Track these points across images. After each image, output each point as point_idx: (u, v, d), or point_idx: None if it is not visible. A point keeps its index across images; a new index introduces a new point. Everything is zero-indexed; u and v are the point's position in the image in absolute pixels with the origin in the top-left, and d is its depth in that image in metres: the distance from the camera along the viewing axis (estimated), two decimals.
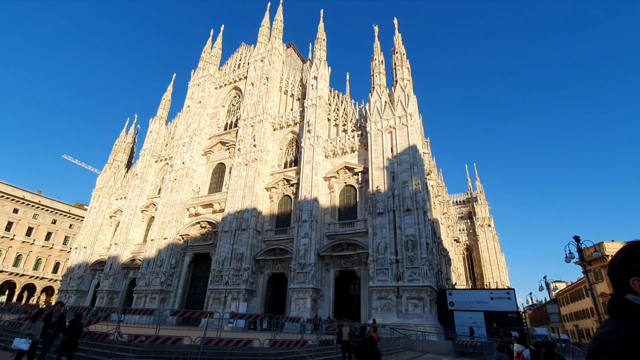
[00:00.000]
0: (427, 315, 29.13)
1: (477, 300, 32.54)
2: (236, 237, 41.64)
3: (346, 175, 40.55)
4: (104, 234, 60.23)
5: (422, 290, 29.84)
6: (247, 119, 49.63)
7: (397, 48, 42.56)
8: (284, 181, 44.30)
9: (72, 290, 55.51)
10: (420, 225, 32.18)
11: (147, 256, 48.27)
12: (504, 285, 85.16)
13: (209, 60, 62.58)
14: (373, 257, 32.82)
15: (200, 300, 43.55)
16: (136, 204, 56.10)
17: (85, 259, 57.58)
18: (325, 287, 36.14)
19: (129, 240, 53.73)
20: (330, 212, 39.82)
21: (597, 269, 59.30)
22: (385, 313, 30.42)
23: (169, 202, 50.76)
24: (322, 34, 50.72)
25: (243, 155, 46.82)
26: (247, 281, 38.83)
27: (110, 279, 51.03)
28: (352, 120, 43.56)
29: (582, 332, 74.52)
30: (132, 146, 70.95)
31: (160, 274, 45.48)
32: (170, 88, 67.92)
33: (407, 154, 35.81)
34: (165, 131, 63.70)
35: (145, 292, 45.36)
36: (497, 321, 29.76)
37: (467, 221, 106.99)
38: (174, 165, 53.85)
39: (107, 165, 67.01)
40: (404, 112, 37.95)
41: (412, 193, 33.59)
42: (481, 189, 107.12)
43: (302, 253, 36.57)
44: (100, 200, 62.69)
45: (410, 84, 40.68)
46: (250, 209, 42.48)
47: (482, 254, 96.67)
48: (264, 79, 52.03)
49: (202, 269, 46.24)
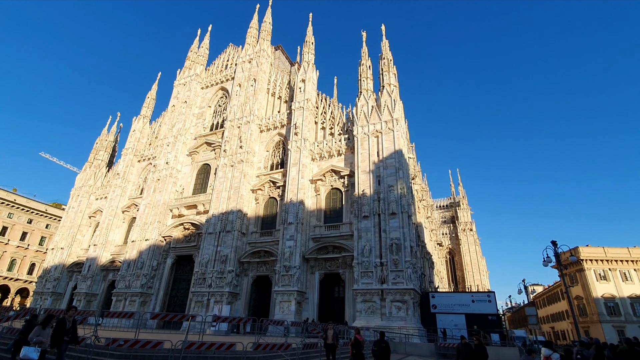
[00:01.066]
0: (410, 317, 29.45)
1: (459, 303, 33.12)
2: (220, 239, 41.12)
3: (332, 178, 40.71)
4: (83, 234, 58.42)
5: (406, 293, 30.17)
6: (234, 119, 49.23)
7: (384, 54, 43.16)
8: (270, 183, 44.10)
9: (47, 292, 53.51)
10: (404, 228, 32.58)
11: (127, 258, 47.05)
12: (484, 289, 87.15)
13: (195, 60, 61.86)
14: (358, 259, 33.00)
15: (182, 304, 42.73)
16: (117, 204, 54.71)
17: (62, 260, 55.66)
18: (310, 290, 36.08)
19: (109, 242, 52.30)
20: (316, 215, 39.86)
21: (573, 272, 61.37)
22: (369, 316, 30.59)
23: (152, 203, 49.70)
24: (310, 37, 50.93)
25: (229, 157, 46.37)
26: (231, 284, 38.36)
27: (89, 281, 49.48)
28: (339, 124, 43.82)
29: (557, 333, 76.83)
30: (114, 145, 69.19)
31: (141, 276, 44.40)
32: (155, 87, 66.75)
33: (392, 158, 36.27)
34: (149, 130, 62.46)
35: (125, 295, 44.18)
36: (478, 323, 30.34)
37: (450, 225, 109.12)
38: (158, 165, 52.82)
39: (88, 164, 65.14)
40: (390, 117, 38.45)
41: (398, 197, 34.00)
42: (463, 194, 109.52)
43: (287, 255, 36.43)
44: (80, 199, 60.82)
45: (396, 89, 41.28)
46: (235, 210, 42.05)
47: (464, 257, 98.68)
48: (251, 80, 51.79)
49: (185, 271, 45.41)
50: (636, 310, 55.87)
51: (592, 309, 57.65)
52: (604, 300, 57.21)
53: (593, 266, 59.53)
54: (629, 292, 56.93)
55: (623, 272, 58.68)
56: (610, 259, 59.26)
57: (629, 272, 58.59)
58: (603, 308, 56.77)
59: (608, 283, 58.26)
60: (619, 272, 58.76)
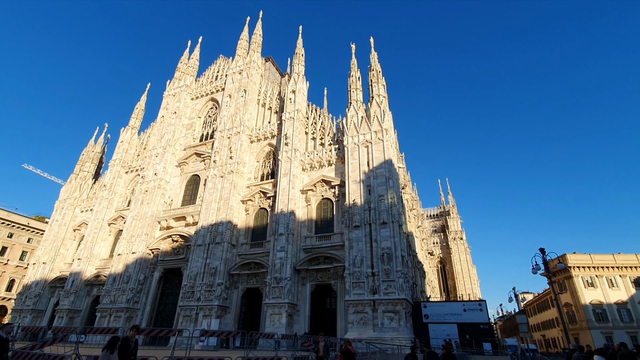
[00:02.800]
0: (402, 328, 29.19)
1: (451, 312, 33.03)
2: (210, 251, 40.40)
3: (323, 188, 40.69)
4: (67, 248, 56.73)
5: (398, 303, 29.97)
6: (224, 130, 49.05)
7: (373, 66, 43.90)
8: (260, 194, 43.79)
9: (27, 309, 51.49)
10: (395, 238, 32.58)
11: (113, 272, 45.75)
12: (475, 297, 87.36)
13: (185, 71, 61.83)
14: (349, 270, 32.75)
15: (169, 318, 41.55)
16: (103, 216, 53.46)
17: (44, 276, 53.78)
18: (301, 302, 35.56)
19: (94, 255, 50.86)
20: (307, 225, 39.62)
21: (561, 279, 62.12)
22: (361, 327, 30.19)
23: (139, 215, 48.70)
24: (300, 49, 51.57)
25: (219, 167, 46.01)
26: (221, 297, 37.56)
27: (72, 297, 47.80)
28: (329, 134, 44.07)
29: (549, 341, 77.17)
30: (101, 156, 68.11)
31: (127, 290, 43.13)
32: (144, 97, 66.27)
33: (383, 168, 36.50)
34: (137, 141, 61.71)
35: (110, 310, 42.78)
36: (470, 333, 30.28)
37: (440, 234, 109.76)
38: (146, 177, 52.01)
39: (73, 176, 63.75)
40: (379, 127, 38.86)
41: (388, 206, 34.09)
42: (453, 203, 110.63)
43: (278, 267, 35.95)
44: (64, 212, 59.24)
45: (385, 100, 41.89)
46: (225, 221, 41.51)
47: (455, 266, 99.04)
48: (241, 91, 51.91)
49: (173, 284, 44.30)
50: (622, 317, 56.71)
51: (581, 315, 58.24)
52: (592, 306, 57.95)
53: (581, 273, 60.46)
54: (615, 299, 57.84)
55: (609, 279, 59.71)
56: (597, 266, 60.33)
57: (615, 279, 59.65)
58: (591, 315, 57.45)
59: (595, 290, 59.13)
60: (605, 278, 59.79)
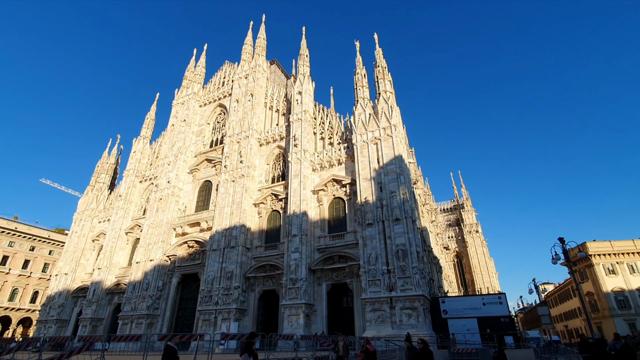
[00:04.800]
0: (421, 324, 28.98)
1: (470, 306, 32.60)
2: (225, 255, 40.87)
3: (334, 187, 40.70)
4: (87, 258, 58.14)
5: (416, 300, 29.77)
6: (233, 135, 49.53)
7: (378, 62, 43.67)
8: (272, 196, 44.07)
9: (52, 320, 52.93)
10: (409, 234, 32.37)
11: (132, 279, 46.71)
12: (494, 290, 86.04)
13: (192, 79, 62.65)
14: (365, 268, 32.69)
15: (189, 323, 42.20)
16: (120, 225, 54.60)
17: (66, 286, 55.23)
18: (317, 302, 35.67)
19: (113, 264, 51.99)
20: (320, 225, 39.69)
21: (582, 268, 60.79)
22: (379, 325, 30.11)
23: (155, 223, 49.60)
24: (304, 50, 51.66)
25: (230, 172, 46.48)
26: (238, 300, 37.96)
27: (94, 306, 48.98)
28: (337, 133, 44.05)
29: (571, 332, 75.56)
30: (115, 167, 69.52)
31: (147, 297, 43.98)
32: (154, 107, 67.41)
33: (393, 164, 36.30)
34: (149, 151, 62.83)
35: (131, 318, 43.67)
36: (491, 326, 29.82)
37: (455, 228, 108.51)
38: (159, 185, 52.93)
39: (89, 188, 65.27)
40: (388, 124, 38.66)
41: (400, 202, 33.89)
42: (467, 196, 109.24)
43: (293, 268, 36.13)
44: (82, 223, 60.73)
45: (392, 96, 41.62)
46: (238, 225, 41.91)
47: (472, 260, 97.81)
48: (248, 95, 52.32)
49: (191, 289, 44.99)
50: None
51: (603, 304, 57.13)
52: (614, 294, 56.86)
53: (601, 261, 59.16)
54: (637, 284, 56.77)
55: (630, 265, 58.48)
56: (618, 252, 59.06)
57: (636, 264, 58.39)
58: (613, 302, 56.39)
59: (617, 277, 57.92)
60: (627, 264, 58.54)
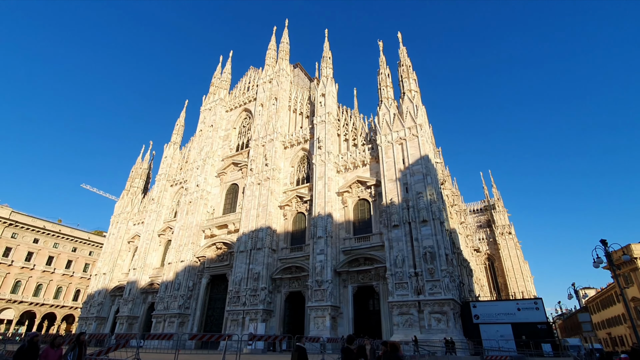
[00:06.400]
0: (451, 329, 28.01)
1: (503, 312, 31.23)
2: (252, 257, 41.57)
3: (359, 189, 40.35)
4: (123, 259, 61.09)
5: (445, 304, 28.83)
6: (258, 139, 50.42)
7: (402, 61, 42.94)
8: (297, 198, 44.36)
9: (92, 317, 56.01)
10: (437, 236, 31.45)
11: (165, 280, 48.55)
12: (530, 295, 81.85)
13: (219, 85, 64.52)
14: (391, 270, 32.08)
15: (218, 322, 43.24)
16: (153, 228, 56.97)
17: (104, 285, 58.30)
18: (343, 304, 35.41)
19: (147, 265, 54.29)
20: (345, 227, 39.46)
21: (627, 272, 56.46)
22: (407, 329, 29.38)
23: (185, 225, 51.36)
24: (327, 52, 51.77)
25: (255, 175, 47.30)
26: (265, 301, 38.44)
27: (130, 304, 51.35)
28: (361, 134, 43.69)
29: (615, 339, 70.27)
30: (148, 172, 72.78)
31: (178, 297, 45.55)
32: (183, 114, 70.01)
33: (419, 165, 35.48)
34: (179, 155, 65.24)
35: (164, 316, 45.37)
36: (527, 333, 28.43)
37: (486, 230, 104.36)
38: (189, 188, 54.80)
39: (125, 192, 68.64)
40: (413, 123, 37.87)
41: (427, 203, 33.02)
42: (498, 196, 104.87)
43: (318, 270, 36.12)
44: (119, 226, 63.95)
45: (417, 94, 40.75)
46: (264, 227, 42.52)
47: (505, 262, 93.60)
48: (272, 99, 53.10)
49: (220, 290, 46.12)
50: None
51: None
52: None
53: None
54: None
55: None
56: None
57: None
58: None
59: None
60: None
